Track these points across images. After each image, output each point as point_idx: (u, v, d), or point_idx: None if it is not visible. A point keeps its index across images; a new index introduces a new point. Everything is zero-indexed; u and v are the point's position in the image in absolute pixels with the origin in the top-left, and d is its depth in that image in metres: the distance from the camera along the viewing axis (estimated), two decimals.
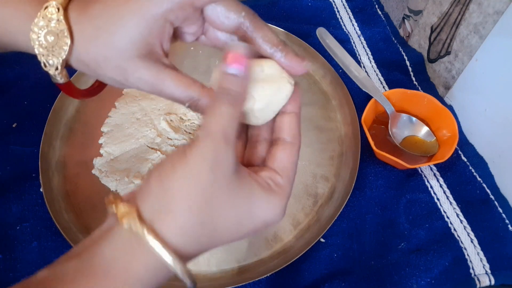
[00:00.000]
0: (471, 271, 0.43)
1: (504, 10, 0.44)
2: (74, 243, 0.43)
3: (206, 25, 0.28)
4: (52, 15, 0.25)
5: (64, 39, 0.25)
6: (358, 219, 0.47)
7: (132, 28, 0.24)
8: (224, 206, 0.23)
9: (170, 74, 0.26)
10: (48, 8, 0.25)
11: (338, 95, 0.57)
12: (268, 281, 0.43)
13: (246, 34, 0.27)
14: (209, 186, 0.22)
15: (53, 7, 0.25)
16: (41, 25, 0.25)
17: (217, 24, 0.27)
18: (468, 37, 0.50)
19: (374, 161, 0.51)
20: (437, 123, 0.52)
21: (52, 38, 0.25)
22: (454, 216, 0.47)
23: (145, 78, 0.26)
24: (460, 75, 0.53)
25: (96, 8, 0.25)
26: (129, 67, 0.25)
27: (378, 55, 0.63)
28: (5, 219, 0.46)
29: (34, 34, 0.25)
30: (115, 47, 0.25)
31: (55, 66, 0.26)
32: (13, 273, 0.42)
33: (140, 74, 0.26)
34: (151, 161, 0.50)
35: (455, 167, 0.51)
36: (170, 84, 0.26)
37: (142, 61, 0.25)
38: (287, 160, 0.26)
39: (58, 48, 0.25)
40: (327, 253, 0.45)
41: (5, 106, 0.55)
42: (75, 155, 0.51)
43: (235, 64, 0.24)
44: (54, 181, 0.48)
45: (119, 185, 0.48)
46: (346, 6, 0.69)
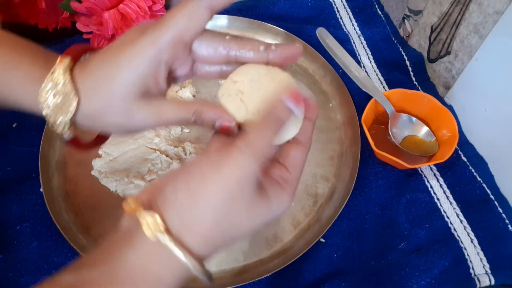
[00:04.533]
0: (471, 271, 0.43)
1: (504, 10, 0.44)
2: (74, 243, 0.43)
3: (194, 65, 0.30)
4: (59, 79, 0.27)
5: (71, 101, 0.27)
6: (358, 219, 0.47)
7: (129, 74, 0.26)
8: (245, 216, 0.25)
9: (168, 102, 0.28)
10: (55, 72, 0.27)
11: (338, 95, 0.57)
12: (268, 281, 0.43)
13: (237, 58, 0.29)
14: (236, 200, 0.24)
15: (59, 71, 0.27)
16: (48, 89, 0.27)
17: (207, 59, 0.29)
18: (468, 37, 0.50)
19: (374, 161, 0.51)
20: (437, 123, 0.52)
21: (59, 100, 0.27)
22: (454, 216, 0.47)
23: (148, 114, 0.27)
24: (460, 75, 0.53)
25: (95, 61, 0.28)
26: (132, 109, 0.27)
27: (378, 55, 0.63)
28: (5, 219, 0.46)
29: (42, 98, 0.27)
30: (116, 93, 0.27)
31: (63, 125, 0.28)
32: (13, 273, 0.42)
33: (143, 113, 0.27)
34: (151, 161, 0.50)
35: (455, 167, 0.51)
36: (171, 110, 0.28)
37: (142, 101, 0.27)
38: (299, 158, 0.28)
39: (65, 108, 0.27)
40: (327, 253, 0.45)
41: None
42: (75, 155, 0.51)
43: (297, 102, 0.26)
44: (54, 181, 0.48)
45: (119, 185, 0.48)
46: (346, 6, 0.69)
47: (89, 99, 0.27)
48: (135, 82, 0.26)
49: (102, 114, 0.27)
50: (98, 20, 0.57)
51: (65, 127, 0.28)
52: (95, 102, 0.27)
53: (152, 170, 0.49)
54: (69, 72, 0.27)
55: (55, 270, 0.43)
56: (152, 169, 0.49)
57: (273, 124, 0.25)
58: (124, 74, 0.26)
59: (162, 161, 0.50)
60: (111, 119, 0.27)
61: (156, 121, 0.28)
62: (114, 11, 0.56)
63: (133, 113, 0.27)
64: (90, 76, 0.27)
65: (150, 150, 0.50)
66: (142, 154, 0.50)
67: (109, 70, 0.27)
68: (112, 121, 0.28)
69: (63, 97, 0.27)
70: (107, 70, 0.27)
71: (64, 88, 0.27)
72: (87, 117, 0.28)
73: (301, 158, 0.28)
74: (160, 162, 0.50)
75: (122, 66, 0.26)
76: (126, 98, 0.27)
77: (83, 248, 0.43)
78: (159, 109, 0.28)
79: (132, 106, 0.27)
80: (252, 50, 0.29)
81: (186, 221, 0.24)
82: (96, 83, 0.27)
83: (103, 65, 0.27)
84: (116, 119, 0.28)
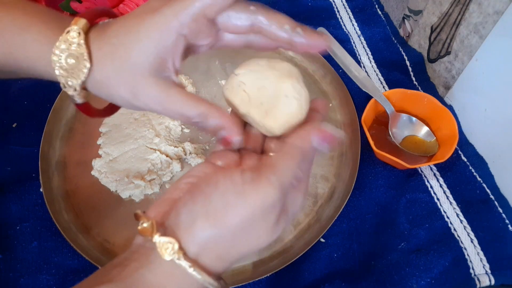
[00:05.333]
0: (471, 271, 0.43)
1: (504, 10, 0.44)
2: (74, 243, 0.43)
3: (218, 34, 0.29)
4: (73, 39, 0.26)
5: (84, 62, 0.26)
6: (358, 219, 0.47)
7: (147, 43, 0.25)
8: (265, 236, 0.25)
9: (179, 91, 0.27)
10: (70, 32, 0.26)
11: (338, 95, 0.57)
12: (268, 281, 0.43)
13: (261, 29, 0.27)
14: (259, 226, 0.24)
15: (74, 31, 0.26)
16: (62, 48, 0.26)
17: (231, 28, 0.27)
18: (468, 37, 0.50)
19: (374, 161, 0.51)
20: (437, 123, 0.52)
21: (72, 61, 0.26)
22: (454, 216, 0.47)
23: (154, 95, 0.26)
24: (460, 75, 0.53)
25: (113, 28, 0.26)
26: (140, 83, 0.26)
27: (378, 55, 0.63)
28: (5, 219, 0.46)
29: (56, 57, 0.26)
30: (129, 62, 0.26)
31: (74, 88, 0.27)
32: (13, 273, 0.42)
33: (149, 91, 0.26)
34: (151, 161, 0.50)
35: (455, 167, 0.51)
36: (178, 101, 0.26)
37: (153, 78, 0.26)
38: None
39: (77, 70, 0.26)
40: (327, 253, 0.45)
41: (5, 106, 0.55)
42: (75, 155, 0.51)
43: (326, 142, 0.26)
44: (54, 181, 0.48)
45: (119, 186, 0.48)
46: (346, 6, 0.69)
47: (101, 65, 0.26)
48: (150, 54, 0.25)
49: (110, 83, 0.27)
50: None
51: (76, 90, 0.27)
52: (106, 69, 0.26)
53: (152, 170, 0.49)
54: (84, 34, 0.26)
55: (55, 270, 0.43)
56: (152, 169, 0.49)
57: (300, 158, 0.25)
58: (140, 44, 0.25)
59: (162, 161, 0.50)
60: (117, 89, 0.27)
61: (159, 106, 0.27)
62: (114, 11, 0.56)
63: (139, 90, 0.26)
64: (106, 42, 0.26)
65: (150, 150, 0.50)
66: (142, 154, 0.50)
67: (126, 38, 0.26)
68: (117, 92, 0.27)
69: (76, 59, 0.26)
70: (124, 38, 0.26)
71: (78, 49, 0.26)
72: (96, 83, 0.27)
73: None
74: (160, 162, 0.50)
75: (140, 35, 0.25)
76: (138, 70, 0.26)
77: (83, 248, 0.43)
78: (166, 93, 0.26)
79: (141, 80, 0.26)
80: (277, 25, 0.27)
81: (203, 245, 0.24)
82: (111, 49, 0.26)
83: (121, 32, 0.26)
84: (122, 92, 0.27)
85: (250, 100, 0.27)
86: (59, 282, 0.42)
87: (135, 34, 0.25)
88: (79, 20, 0.26)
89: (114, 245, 0.45)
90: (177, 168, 0.50)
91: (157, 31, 0.25)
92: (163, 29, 0.25)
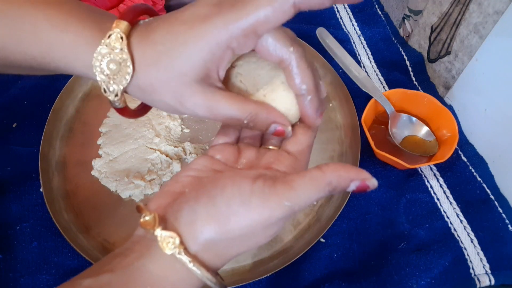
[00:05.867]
0: (471, 271, 0.43)
1: (504, 10, 0.44)
2: (74, 243, 0.43)
3: None
4: (116, 44, 0.25)
5: (127, 68, 0.25)
6: (358, 219, 0.47)
7: (194, 54, 0.24)
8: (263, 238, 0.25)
9: (224, 95, 0.26)
10: (111, 36, 0.25)
11: (338, 95, 0.57)
12: (268, 281, 0.43)
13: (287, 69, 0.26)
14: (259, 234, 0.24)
15: (116, 35, 0.25)
16: (104, 53, 0.25)
17: (264, 54, 0.26)
18: (468, 37, 0.50)
19: (374, 161, 0.51)
20: (437, 123, 0.52)
21: (114, 67, 0.25)
22: (454, 216, 0.47)
23: (201, 102, 0.26)
24: (460, 75, 0.53)
25: (158, 34, 0.25)
26: (186, 91, 0.25)
27: (378, 55, 0.63)
28: (5, 219, 0.46)
29: (97, 62, 0.25)
30: (175, 71, 0.25)
31: (115, 93, 0.26)
32: (13, 273, 0.42)
33: (196, 99, 0.26)
34: (151, 161, 0.50)
35: (455, 167, 0.51)
36: (225, 104, 0.26)
37: (199, 86, 0.25)
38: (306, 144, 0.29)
39: (120, 76, 0.25)
40: (327, 253, 0.45)
41: (5, 106, 0.55)
42: (75, 155, 0.51)
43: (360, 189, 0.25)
44: (54, 181, 0.48)
45: (119, 186, 0.48)
46: (346, 6, 0.69)
47: (144, 72, 0.25)
48: (197, 65, 0.25)
49: (155, 89, 0.26)
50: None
51: (118, 95, 0.26)
52: (151, 76, 0.25)
53: (152, 170, 0.49)
54: (126, 38, 0.25)
55: (55, 270, 0.43)
56: (152, 169, 0.49)
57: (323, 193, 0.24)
58: (188, 54, 0.24)
59: (162, 161, 0.50)
60: (162, 97, 0.26)
61: (207, 111, 0.26)
62: (114, 11, 0.56)
63: (186, 97, 0.26)
64: (151, 48, 0.25)
65: (150, 150, 0.50)
66: (142, 154, 0.50)
67: (173, 46, 0.25)
68: (162, 99, 0.26)
69: (119, 65, 0.25)
70: (171, 45, 0.25)
71: (121, 55, 0.25)
72: (137, 90, 0.26)
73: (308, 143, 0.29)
74: (160, 162, 0.50)
75: (188, 45, 0.24)
76: (184, 79, 0.25)
77: (83, 248, 0.43)
78: (212, 98, 0.26)
79: (187, 88, 0.25)
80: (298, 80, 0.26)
81: (203, 245, 0.24)
82: (156, 56, 0.25)
83: (167, 39, 0.25)
84: (167, 99, 0.26)
85: (247, 89, 0.28)
86: (59, 282, 0.42)
87: (182, 44, 0.25)
88: (120, 22, 0.25)
89: (114, 245, 0.45)
90: (177, 168, 0.50)
91: (206, 43, 0.24)
92: (213, 41, 0.24)
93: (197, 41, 0.24)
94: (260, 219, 0.23)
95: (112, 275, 0.23)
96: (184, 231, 0.24)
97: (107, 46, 0.25)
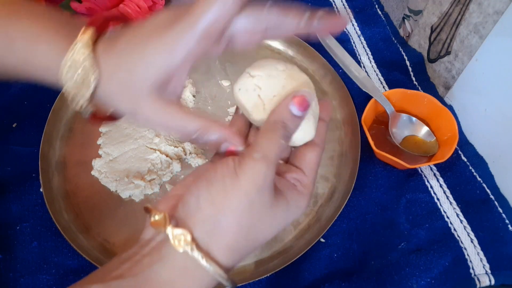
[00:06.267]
0: (471, 271, 0.43)
1: (504, 10, 0.44)
2: (74, 243, 0.43)
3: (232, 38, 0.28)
4: (82, 52, 0.26)
5: (91, 76, 0.26)
6: (358, 219, 0.47)
7: (150, 64, 0.25)
8: (266, 222, 0.25)
9: (177, 109, 0.27)
10: (78, 44, 0.26)
11: (338, 95, 0.57)
12: (268, 281, 0.43)
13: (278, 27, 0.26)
14: (258, 207, 0.24)
15: (82, 44, 0.26)
16: (70, 62, 0.26)
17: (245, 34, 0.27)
18: (468, 37, 0.50)
19: (374, 161, 0.51)
20: (437, 123, 0.52)
21: (80, 74, 0.26)
22: (454, 216, 0.47)
23: (153, 112, 0.26)
24: (460, 75, 0.53)
25: (121, 43, 0.26)
26: (141, 101, 0.26)
27: (378, 55, 0.62)
28: (5, 219, 0.46)
29: (64, 70, 0.26)
30: (131, 81, 0.26)
31: (82, 102, 0.27)
32: (13, 273, 0.42)
33: (149, 109, 0.26)
34: (151, 161, 0.50)
35: (455, 167, 0.51)
36: (177, 119, 0.27)
37: (153, 96, 0.26)
38: (314, 161, 0.29)
39: (85, 84, 0.26)
40: (327, 253, 0.45)
41: (5, 106, 0.55)
42: (75, 155, 0.51)
43: (301, 107, 0.26)
44: (54, 181, 0.48)
45: (119, 186, 0.48)
46: (346, 6, 0.69)
47: (107, 79, 0.26)
48: (153, 75, 0.25)
49: (115, 98, 0.27)
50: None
51: (84, 103, 0.27)
52: (112, 83, 0.26)
53: (152, 170, 0.49)
54: (92, 45, 0.26)
55: (55, 270, 0.43)
56: (152, 169, 0.49)
57: (281, 130, 0.25)
58: (144, 64, 0.25)
59: (162, 161, 0.50)
60: (121, 104, 0.27)
61: (160, 120, 0.27)
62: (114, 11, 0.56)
63: (139, 109, 0.26)
64: (113, 56, 0.26)
65: (150, 150, 0.50)
66: (142, 154, 0.50)
67: (131, 56, 0.26)
68: (121, 108, 0.27)
69: (84, 73, 0.26)
70: (129, 55, 0.26)
71: (86, 63, 0.26)
72: (103, 96, 0.27)
73: (317, 160, 0.29)
74: (160, 162, 0.50)
75: (145, 56, 0.25)
76: (139, 89, 0.26)
77: (83, 248, 0.43)
78: (166, 109, 0.27)
79: (142, 98, 0.26)
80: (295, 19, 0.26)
81: (211, 231, 0.24)
82: (116, 65, 0.26)
83: (129, 48, 0.26)
84: (124, 108, 0.27)
85: (264, 108, 0.27)
86: (59, 282, 0.42)
87: (140, 54, 0.25)
88: (87, 30, 0.26)
89: (114, 245, 0.45)
90: (177, 168, 0.50)
91: (162, 54, 0.25)
92: (168, 51, 0.25)
93: (153, 52, 0.25)
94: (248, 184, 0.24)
95: (122, 282, 0.23)
96: (192, 223, 0.24)
97: (73, 54, 0.26)
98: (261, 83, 0.27)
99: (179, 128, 0.27)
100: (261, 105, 0.27)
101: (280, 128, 0.25)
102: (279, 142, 0.25)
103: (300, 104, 0.26)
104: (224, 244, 0.24)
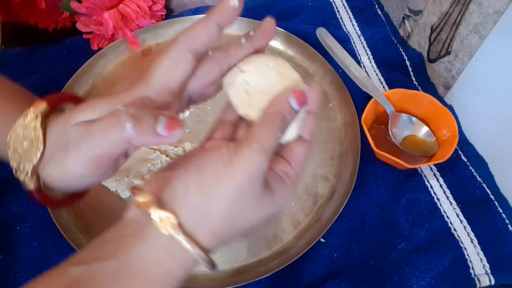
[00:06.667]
0: (471, 271, 0.43)
1: (504, 10, 0.44)
2: (74, 243, 0.43)
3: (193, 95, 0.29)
4: (30, 122, 0.26)
5: (38, 145, 0.26)
6: (358, 219, 0.47)
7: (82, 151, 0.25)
8: (253, 212, 0.25)
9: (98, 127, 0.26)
10: (28, 115, 0.26)
11: (338, 95, 0.57)
12: (268, 281, 0.43)
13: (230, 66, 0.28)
14: (248, 197, 0.24)
15: (31, 115, 0.26)
16: (18, 132, 0.26)
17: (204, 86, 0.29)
18: (468, 37, 0.50)
19: (374, 161, 0.51)
20: (437, 123, 0.52)
21: (26, 144, 0.26)
22: (454, 216, 0.47)
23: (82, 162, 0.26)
24: (460, 75, 0.53)
25: (64, 119, 0.26)
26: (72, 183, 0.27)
27: (378, 55, 0.63)
28: (5, 219, 0.46)
29: (11, 140, 0.26)
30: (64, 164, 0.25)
31: (26, 172, 0.27)
32: (13, 273, 0.43)
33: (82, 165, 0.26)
34: (151, 161, 0.50)
35: (455, 167, 0.51)
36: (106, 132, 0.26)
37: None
38: (302, 155, 0.29)
39: (30, 154, 0.26)
40: (327, 253, 0.45)
41: None
42: None
43: (299, 102, 0.26)
44: None
45: (119, 185, 0.48)
46: (346, 6, 0.69)
47: (50, 152, 0.26)
48: (84, 162, 0.25)
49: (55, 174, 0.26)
50: (98, 20, 0.57)
51: (28, 174, 0.27)
52: (52, 160, 0.26)
53: (152, 170, 0.49)
54: (42, 118, 0.26)
55: None
56: (152, 169, 0.49)
57: (279, 123, 0.26)
58: (76, 150, 0.25)
59: (162, 161, 0.50)
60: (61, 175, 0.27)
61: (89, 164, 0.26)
62: (114, 11, 0.56)
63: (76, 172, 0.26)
64: (56, 131, 0.26)
65: (150, 150, 0.50)
66: (142, 154, 0.50)
67: (66, 138, 0.25)
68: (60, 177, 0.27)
69: (30, 142, 0.26)
70: (64, 136, 0.26)
71: (34, 132, 0.26)
72: (45, 170, 0.27)
73: (305, 154, 0.29)
74: (160, 162, 0.50)
75: (80, 142, 0.25)
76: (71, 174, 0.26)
77: None
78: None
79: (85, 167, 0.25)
80: (237, 50, 0.28)
81: (198, 217, 0.24)
82: (56, 143, 0.26)
83: (64, 130, 0.26)
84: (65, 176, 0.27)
85: (250, 103, 0.27)
86: None
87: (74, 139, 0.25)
88: (39, 104, 0.27)
89: None
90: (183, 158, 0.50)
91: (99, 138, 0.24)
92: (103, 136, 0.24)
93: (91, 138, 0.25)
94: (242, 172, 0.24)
95: (104, 264, 0.23)
96: (179, 207, 0.24)
97: (21, 125, 0.26)
98: (250, 79, 0.27)
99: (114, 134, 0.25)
100: (247, 100, 0.27)
101: (279, 120, 0.26)
102: (277, 135, 0.25)
103: (298, 98, 0.26)
104: (210, 230, 0.24)
